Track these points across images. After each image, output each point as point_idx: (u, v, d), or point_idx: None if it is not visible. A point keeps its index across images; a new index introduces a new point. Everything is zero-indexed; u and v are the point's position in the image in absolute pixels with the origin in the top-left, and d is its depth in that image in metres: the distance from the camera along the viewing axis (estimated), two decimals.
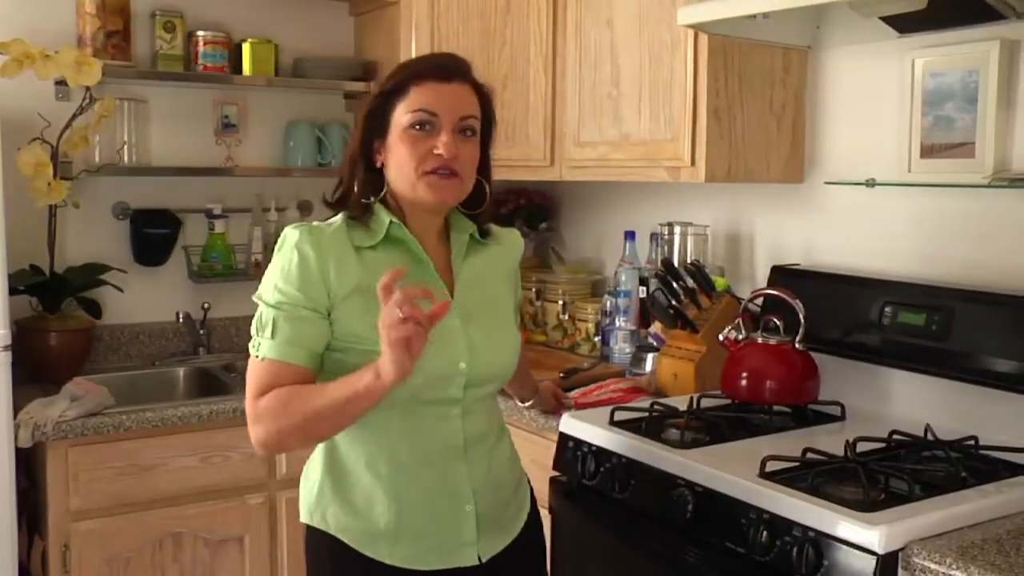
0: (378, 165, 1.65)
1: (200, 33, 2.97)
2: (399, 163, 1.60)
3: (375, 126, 1.63)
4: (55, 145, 2.70)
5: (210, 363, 3.00)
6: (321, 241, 1.59)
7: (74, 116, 2.73)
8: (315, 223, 1.64)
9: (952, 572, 1.45)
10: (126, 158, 2.89)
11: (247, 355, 1.57)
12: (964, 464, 1.79)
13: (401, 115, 1.60)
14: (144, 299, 3.03)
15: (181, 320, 3.03)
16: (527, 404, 2.28)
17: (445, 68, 1.63)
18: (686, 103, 2.36)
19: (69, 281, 2.79)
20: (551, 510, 2.16)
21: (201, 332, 3.06)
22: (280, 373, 1.53)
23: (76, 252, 2.90)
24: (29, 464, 2.47)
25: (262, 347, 1.54)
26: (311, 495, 1.65)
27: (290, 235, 1.60)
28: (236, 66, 3.03)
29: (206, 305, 3.06)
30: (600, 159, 2.63)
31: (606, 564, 2.05)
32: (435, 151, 1.58)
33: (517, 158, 2.84)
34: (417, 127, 1.59)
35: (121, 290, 2.90)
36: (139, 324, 3.03)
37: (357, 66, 3.21)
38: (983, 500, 1.67)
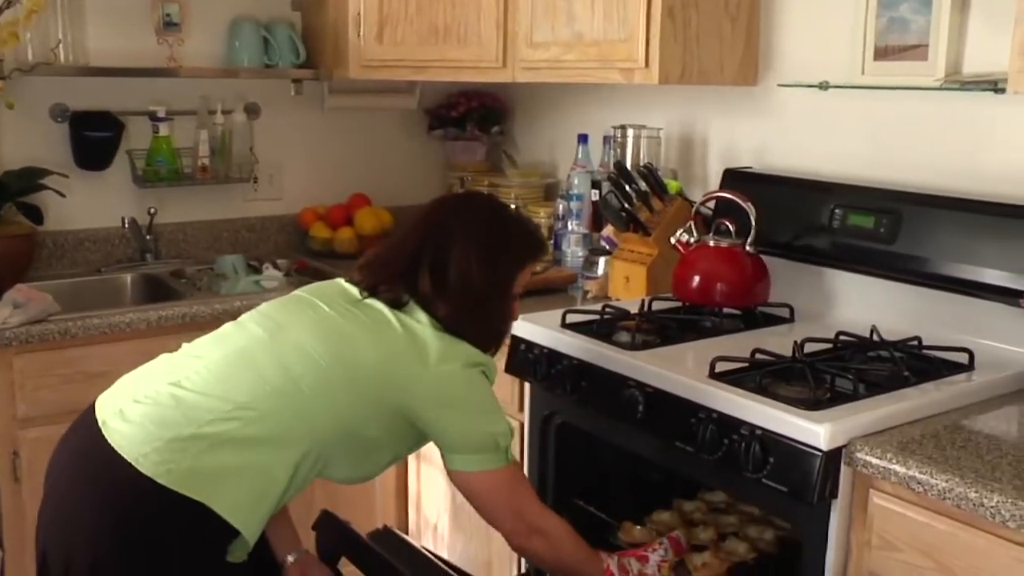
0: None
1: None
2: (505, 318, 1.76)
3: (505, 286, 1.73)
4: None
5: (158, 269, 2.94)
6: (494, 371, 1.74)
7: (0, 10, 2.60)
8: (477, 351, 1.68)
9: (892, 466, 1.50)
10: (62, 57, 2.77)
11: (196, 261, 1.53)
12: (907, 363, 1.83)
13: (516, 286, 1.74)
14: (87, 204, 2.95)
15: (127, 226, 2.96)
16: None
17: (547, 247, 1.90)
18: (640, 2, 2.31)
19: (7, 185, 2.70)
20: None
21: (148, 238, 3.00)
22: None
23: (13, 155, 2.80)
24: None
25: (511, 455, 1.67)
26: (232, 484, 1.52)
27: (483, 360, 1.68)
28: None
29: (152, 210, 2.99)
30: (553, 60, 2.58)
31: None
32: (514, 318, 1.80)
33: (468, 59, 2.78)
34: (518, 297, 1.77)
35: (63, 195, 2.82)
36: (83, 230, 2.96)
37: None
38: (923, 397, 1.71)
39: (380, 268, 1.70)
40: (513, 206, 3.18)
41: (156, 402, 1.56)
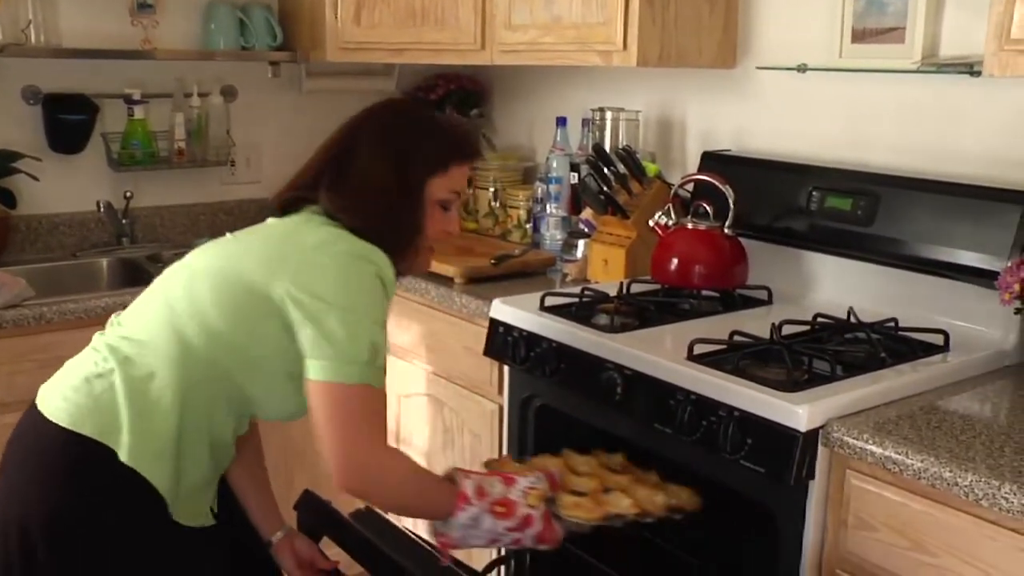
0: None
1: None
2: (408, 220, 1.62)
3: (413, 183, 1.61)
4: None
5: (134, 253, 2.92)
6: (392, 280, 1.58)
7: None
8: (374, 249, 1.56)
9: (868, 447, 1.51)
10: (33, 38, 2.74)
11: (173, 245, 1.52)
12: (883, 345, 1.84)
13: (437, 189, 1.63)
14: (62, 188, 2.92)
15: (102, 210, 2.94)
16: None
17: (479, 152, 1.77)
18: None
19: None
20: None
21: (124, 222, 2.97)
22: (384, 401, 1.53)
23: None
24: None
25: (370, 374, 1.48)
26: (131, 428, 1.48)
27: (379, 260, 1.54)
28: None
29: (128, 194, 2.96)
30: (531, 43, 2.57)
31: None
32: (447, 229, 1.67)
33: (447, 41, 2.77)
34: (445, 206, 1.65)
35: (36, 179, 2.79)
36: (58, 214, 2.93)
37: None
38: (899, 379, 1.73)
39: (290, 184, 1.69)
40: (448, 110, 3.09)
41: (77, 359, 1.60)
